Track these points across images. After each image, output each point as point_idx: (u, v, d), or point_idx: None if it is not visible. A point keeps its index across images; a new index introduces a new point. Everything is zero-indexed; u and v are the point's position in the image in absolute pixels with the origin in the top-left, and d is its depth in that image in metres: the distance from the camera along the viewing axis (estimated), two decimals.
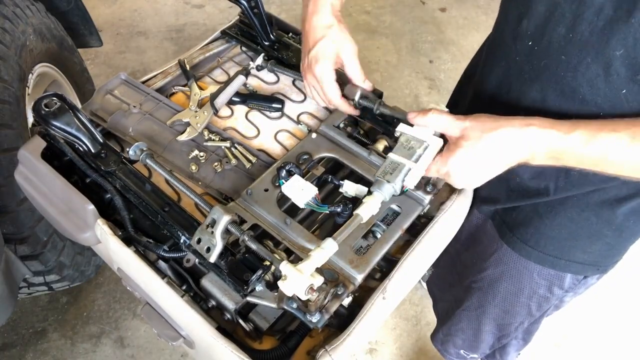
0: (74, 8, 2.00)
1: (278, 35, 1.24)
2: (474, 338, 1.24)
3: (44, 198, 0.94)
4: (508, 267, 1.03)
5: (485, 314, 1.15)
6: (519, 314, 1.10)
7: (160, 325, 0.88)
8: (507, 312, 1.11)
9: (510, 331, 1.17)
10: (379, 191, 0.79)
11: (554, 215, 0.91)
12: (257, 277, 0.78)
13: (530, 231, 0.96)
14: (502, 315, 1.13)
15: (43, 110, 0.89)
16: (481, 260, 1.09)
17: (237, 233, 0.78)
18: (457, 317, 1.23)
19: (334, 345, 0.75)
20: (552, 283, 1.00)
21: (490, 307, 1.12)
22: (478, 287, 1.12)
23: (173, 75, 1.20)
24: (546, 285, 1.01)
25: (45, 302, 1.96)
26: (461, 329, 1.25)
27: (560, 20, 0.73)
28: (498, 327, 1.17)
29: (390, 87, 2.88)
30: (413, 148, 0.81)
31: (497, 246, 1.03)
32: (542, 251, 0.96)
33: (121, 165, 0.93)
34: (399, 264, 0.86)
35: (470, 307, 1.18)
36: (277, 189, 0.93)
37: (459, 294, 1.21)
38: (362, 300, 0.82)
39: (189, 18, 3.22)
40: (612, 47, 0.67)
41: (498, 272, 1.05)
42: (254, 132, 1.12)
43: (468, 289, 1.16)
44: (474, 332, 1.22)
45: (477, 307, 1.16)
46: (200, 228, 0.80)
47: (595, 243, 0.92)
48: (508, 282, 1.05)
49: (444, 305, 1.33)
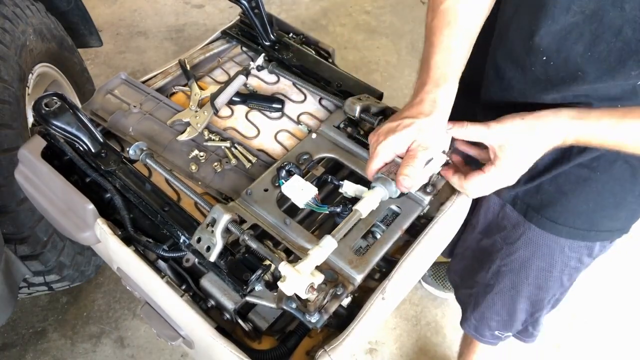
0: (74, 8, 2.00)
1: (278, 36, 1.25)
2: (508, 317, 1.26)
3: (44, 197, 0.95)
4: (539, 246, 1.06)
5: (520, 294, 1.17)
6: (552, 287, 1.13)
7: (160, 325, 0.88)
8: (540, 288, 1.14)
9: (544, 305, 1.20)
10: (381, 186, 0.79)
11: (580, 191, 0.94)
12: (257, 276, 0.78)
13: (558, 209, 0.99)
14: (536, 292, 1.15)
15: (43, 110, 0.89)
16: (508, 244, 1.11)
17: (237, 232, 0.78)
18: (490, 301, 1.25)
19: (333, 346, 0.75)
20: (582, 254, 1.04)
21: (524, 286, 1.15)
22: (509, 269, 1.14)
23: (173, 75, 1.20)
24: (577, 257, 1.05)
25: (45, 302, 1.96)
26: (496, 312, 1.27)
27: (578, 39, 0.75)
28: (532, 304, 1.20)
29: (390, 87, 2.88)
30: None
31: (524, 228, 1.06)
32: (572, 226, 1.00)
33: (121, 165, 0.93)
34: (399, 265, 0.86)
35: (503, 290, 1.20)
36: (276, 189, 0.93)
37: (485, 279, 1.22)
38: (361, 300, 0.82)
39: (189, 18, 3.22)
40: (629, 67, 0.72)
41: (529, 252, 1.08)
42: (254, 132, 1.12)
43: (497, 273, 1.18)
44: (509, 312, 1.24)
45: (511, 288, 1.18)
46: (201, 227, 0.80)
47: (622, 210, 0.97)
48: (540, 259, 1.07)
49: (468, 292, 1.34)
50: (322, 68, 1.19)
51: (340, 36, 3.20)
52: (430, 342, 1.96)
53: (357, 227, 0.86)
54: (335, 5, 3.42)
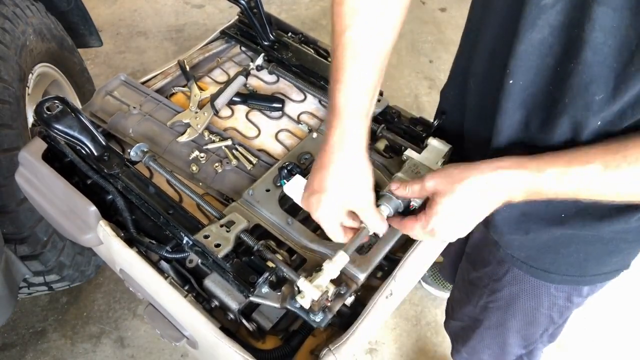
0: (74, 8, 1.99)
1: (277, 35, 1.25)
2: (500, 351, 1.23)
3: (45, 200, 0.94)
4: (525, 286, 1.01)
5: (509, 330, 1.14)
6: (542, 323, 1.09)
7: (164, 325, 0.88)
8: (530, 324, 1.10)
9: (536, 339, 1.16)
10: (386, 205, 0.81)
11: (569, 243, 0.88)
12: (264, 279, 0.78)
13: (547, 260, 0.94)
14: (526, 327, 1.12)
15: (45, 114, 0.89)
16: (493, 281, 1.07)
17: (251, 243, 0.82)
18: (480, 336, 1.22)
19: (338, 344, 0.76)
20: (571, 294, 0.99)
21: (512, 322, 1.11)
22: (496, 306, 1.11)
23: (173, 75, 1.20)
24: (564, 296, 1.00)
25: (45, 302, 1.96)
26: (487, 346, 1.24)
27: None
28: (523, 338, 1.17)
29: (390, 87, 2.88)
30: (420, 173, 0.87)
31: (509, 266, 1.00)
32: (562, 274, 0.94)
33: (124, 168, 0.93)
34: (402, 263, 0.86)
35: (491, 326, 1.17)
36: (278, 189, 0.93)
37: (474, 313, 1.19)
38: (364, 299, 0.83)
39: (189, 18, 3.22)
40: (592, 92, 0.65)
41: (515, 290, 1.03)
42: (255, 132, 1.12)
43: (485, 309, 1.14)
44: (500, 346, 1.21)
45: (498, 325, 1.15)
46: (215, 225, 0.83)
47: (616, 256, 0.90)
48: (526, 298, 1.03)
49: (459, 325, 1.31)
50: (321, 67, 1.19)
51: None
52: (430, 342, 1.96)
53: None
54: None
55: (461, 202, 0.72)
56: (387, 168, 0.99)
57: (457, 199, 0.72)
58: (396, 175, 0.87)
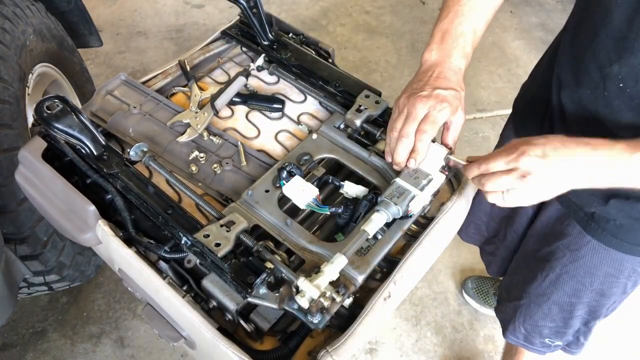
0: (74, 8, 1.99)
1: (278, 35, 1.25)
2: (563, 324, 1.22)
3: (45, 199, 0.94)
4: (609, 253, 1.02)
5: (581, 300, 1.14)
6: (614, 294, 1.10)
7: (162, 325, 0.88)
8: (603, 295, 1.11)
9: (601, 312, 1.17)
10: (385, 211, 0.84)
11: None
12: (262, 280, 0.78)
13: (633, 233, 0.96)
14: (597, 299, 1.12)
15: (45, 113, 0.89)
16: (572, 250, 1.08)
17: (251, 244, 0.82)
18: (547, 309, 1.22)
19: (335, 346, 0.76)
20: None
21: (587, 292, 1.12)
22: (571, 276, 1.11)
23: (173, 75, 1.20)
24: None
25: (45, 302, 1.96)
26: (551, 319, 1.23)
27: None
28: (590, 311, 1.17)
29: (390, 87, 2.88)
30: (419, 178, 0.89)
31: (589, 238, 1.02)
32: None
33: (124, 168, 0.93)
34: (400, 265, 0.86)
35: (562, 297, 1.17)
36: (277, 189, 0.93)
37: (540, 289, 1.19)
38: (363, 300, 0.82)
39: (189, 18, 3.22)
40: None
41: (596, 259, 1.04)
42: (255, 133, 1.12)
43: (557, 281, 1.14)
44: (565, 319, 1.21)
45: (571, 295, 1.14)
46: (215, 225, 0.83)
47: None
48: (608, 265, 1.04)
49: (515, 305, 1.30)
50: (321, 67, 1.18)
51: (340, 36, 3.20)
52: (430, 342, 1.96)
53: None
54: (335, 5, 3.42)
55: (565, 166, 0.74)
56: (387, 170, 0.99)
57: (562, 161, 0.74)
58: (396, 180, 0.88)
